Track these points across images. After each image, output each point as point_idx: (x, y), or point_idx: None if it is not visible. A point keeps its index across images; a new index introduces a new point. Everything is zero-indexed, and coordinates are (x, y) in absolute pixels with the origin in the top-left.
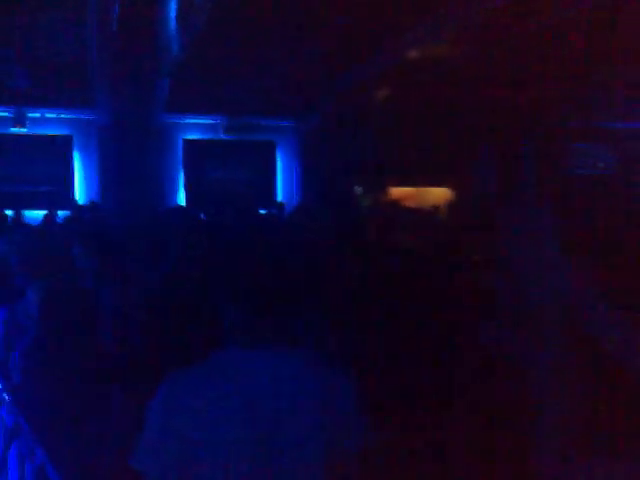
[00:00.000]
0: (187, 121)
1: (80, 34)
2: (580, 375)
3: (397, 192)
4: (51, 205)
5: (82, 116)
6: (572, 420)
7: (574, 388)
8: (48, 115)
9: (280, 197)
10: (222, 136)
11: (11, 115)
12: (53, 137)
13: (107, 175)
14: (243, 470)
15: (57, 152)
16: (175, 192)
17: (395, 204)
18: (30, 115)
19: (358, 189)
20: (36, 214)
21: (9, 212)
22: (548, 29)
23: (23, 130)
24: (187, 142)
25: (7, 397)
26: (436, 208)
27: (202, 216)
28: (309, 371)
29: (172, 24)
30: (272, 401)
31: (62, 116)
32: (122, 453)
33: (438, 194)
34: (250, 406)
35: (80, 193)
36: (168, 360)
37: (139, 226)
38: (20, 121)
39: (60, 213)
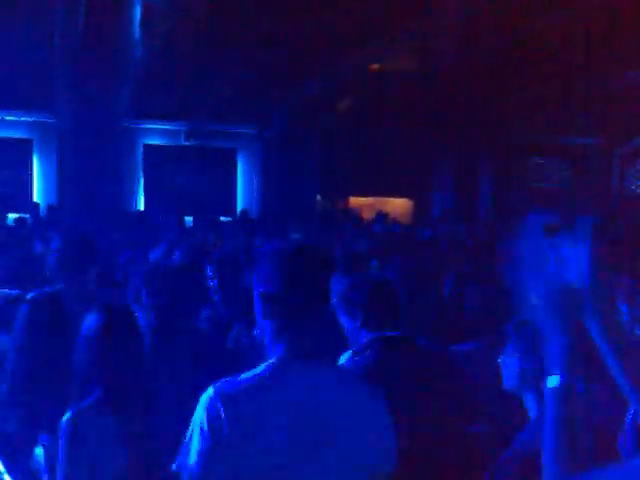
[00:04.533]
0: (148, 126)
1: (43, 37)
2: None
3: (356, 201)
4: (9, 208)
5: (43, 119)
6: None
7: None
8: (8, 118)
9: (240, 204)
10: (183, 142)
11: None
12: (13, 140)
13: (67, 179)
14: None
15: (17, 155)
16: (135, 197)
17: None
18: None
19: (318, 197)
20: None
21: None
22: (505, 47)
23: None
24: (148, 147)
25: None
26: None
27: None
28: (357, 389)
29: (136, 30)
30: (324, 415)
31: (22, 119)
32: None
33: (397, 204)
34: (301, 419)
35: (39, 196)
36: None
37: None
38: None
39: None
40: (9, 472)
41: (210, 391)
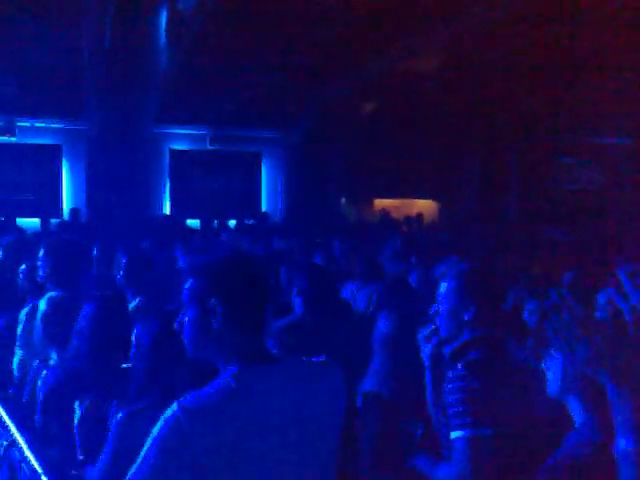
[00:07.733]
0: (174, 131)
1: (72, 45)
2: None
3: (381, 203)
4: (39, 213)
5: (71, 126)
6: None
7: None
8: (38, 124)
9: (264, 207)
10: (208, 146)
11: (1, 123)
12: (42, 146)
13: (95, 184)
14: None
15: (46, 161)
16: (161, 201)
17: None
18: (20, 124)
19: (343, 200)
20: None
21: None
22: (535, 44)
23: (13, 139)
24: (174, 152)
25: None
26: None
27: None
28: (320, 390)
29: (162, 38)
30: (288, 422)
31: (52, 125)
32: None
33: (422, 206)
34: (266, 428)
35: (68, 201)
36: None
37: None
38: (10, 130)
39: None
40: None
41: (174, 406)
